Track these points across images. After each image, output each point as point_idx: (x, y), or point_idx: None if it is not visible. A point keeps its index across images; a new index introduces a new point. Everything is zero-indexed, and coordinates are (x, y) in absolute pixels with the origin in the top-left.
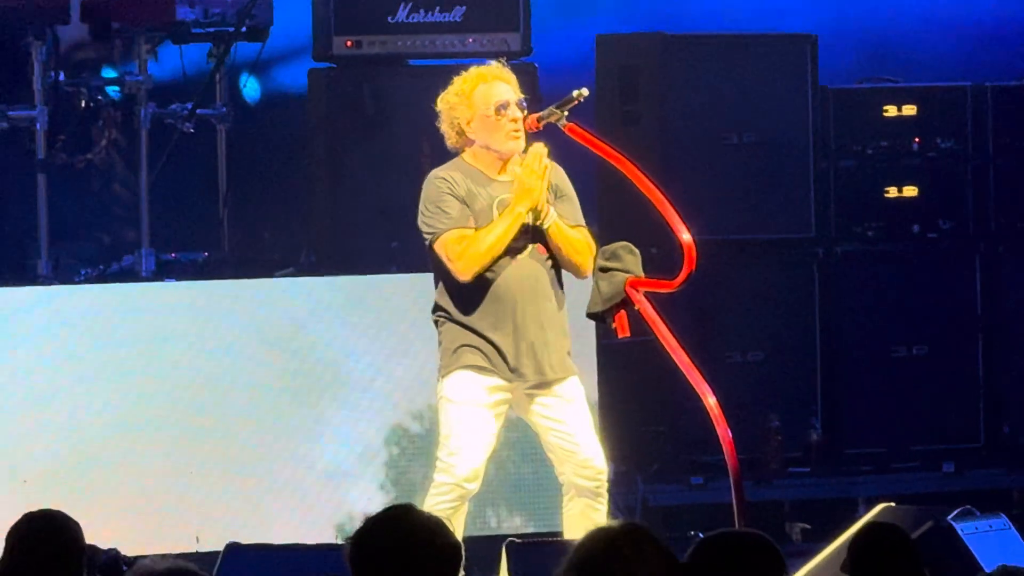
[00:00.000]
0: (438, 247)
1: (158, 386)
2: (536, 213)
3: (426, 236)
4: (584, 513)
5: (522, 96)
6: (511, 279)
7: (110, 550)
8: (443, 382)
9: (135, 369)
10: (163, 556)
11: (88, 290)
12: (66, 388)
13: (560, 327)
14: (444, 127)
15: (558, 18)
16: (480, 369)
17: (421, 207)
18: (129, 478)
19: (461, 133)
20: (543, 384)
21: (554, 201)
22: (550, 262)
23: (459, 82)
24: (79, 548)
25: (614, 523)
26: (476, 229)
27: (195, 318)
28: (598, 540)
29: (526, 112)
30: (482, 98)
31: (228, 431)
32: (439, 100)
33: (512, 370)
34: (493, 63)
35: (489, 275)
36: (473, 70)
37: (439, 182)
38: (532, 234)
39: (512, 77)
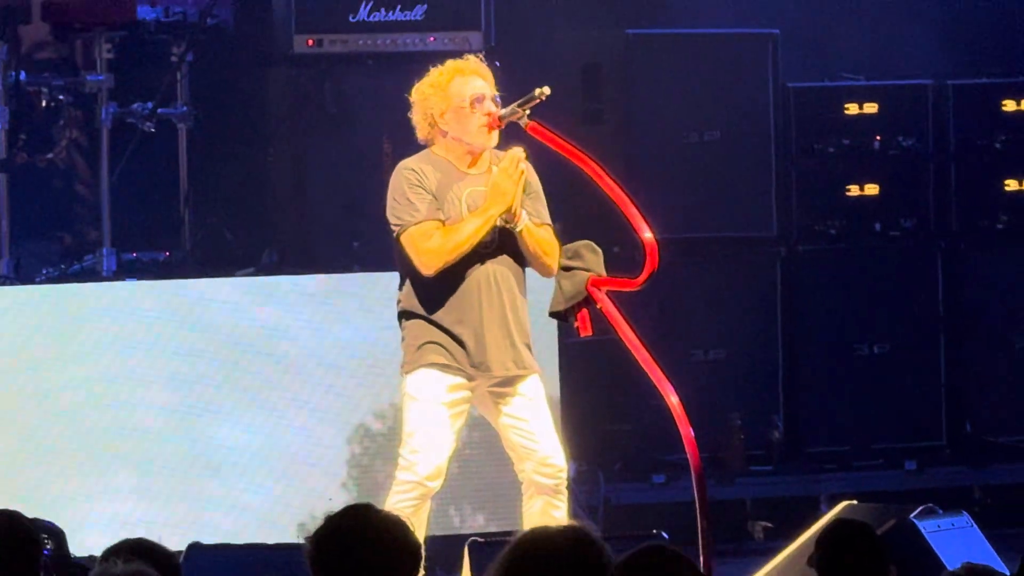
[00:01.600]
0: (405, 239)
1: (119, 385)
2: (509, 216)
3: (393, 227)
4: (544, 511)
5: (497, 92)
6: (477, 276)
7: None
8: (407, 379)
9: (96, 368)
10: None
11: (49, 290)
12: (26, 388)
13: (523, 325)
14: (416, 118)
15: (520, 16)
16: (444, 367)
17: (389, 197)
18: (90, 478)
19: (433, 124)
20: (506, 381)
21: (523, 198)
22: (516, 261)
23: (435, 74)
24: (35, 546)
25: (553, 526)
26: (444, 223)
27: (157, 317)
28: (534, 542)
29: (500, 108)
30: (457, 91)
31: (190, 430)
32: (413, 90)
33: (475, 365)
34: (470, 57)
35: (455, 271)
36: (450, 63)
37: (408, 173)
38: (501, 234)
39: (488, 73)
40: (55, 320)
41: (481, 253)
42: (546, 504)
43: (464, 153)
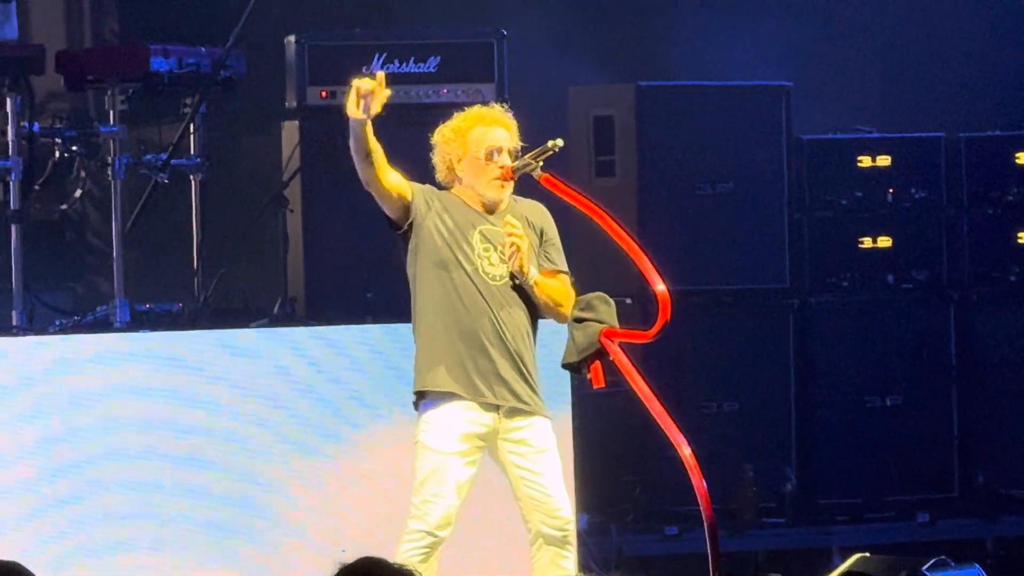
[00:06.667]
0: None
1: (132, 437)
2: (517, 272)
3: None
4: (553, 561)
5: (520, 145)
6: (487, 319)
7: None
8: (419, 424)
9: (109, 419)
10: None
11: (62, 340)
12: (39, 438)
13: (532, 370)
14: (436, 160)
15: (532, 69)
16: (453, 396)
17: None
18: (101, 530)
19: (451, 169)
20: (517, 425)
21: (540, 246)
22: (528, 309)
23: (458, 119)
24: None
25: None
26: (399, 176)
27: (169, 369)
28: None
29: (515, 162)
30: (476, 140)
31: (202, 482)
32: (436, 132)
33: (480, 391)
34: (496, 106)
35: (465, 312)
36: (475, 110)
37: (428, 185)
38: (511, 284)
39: (512, 124)
40: (67, 371)
41: (492, 297)
42: (554, 555)
43: (479, 201)
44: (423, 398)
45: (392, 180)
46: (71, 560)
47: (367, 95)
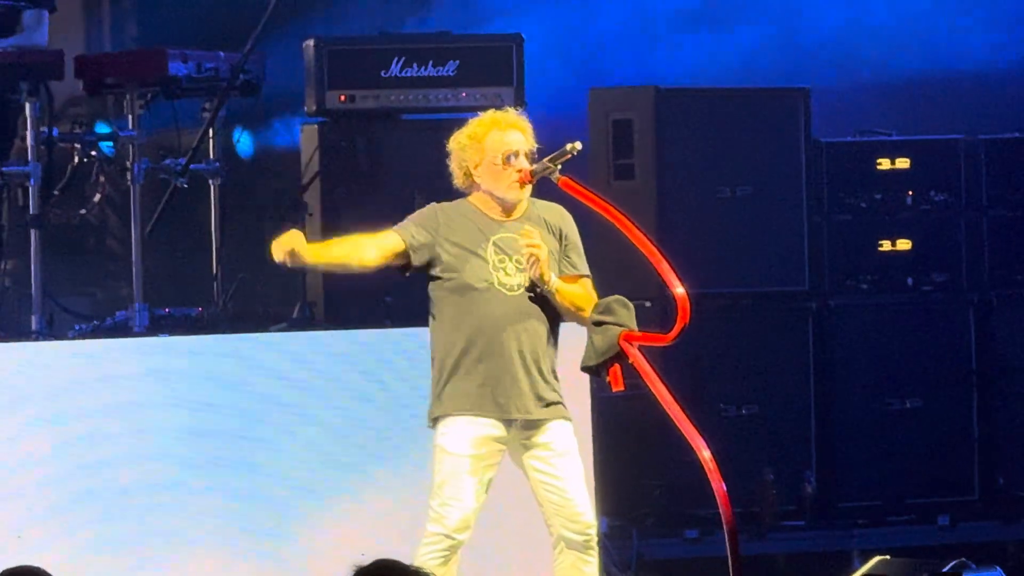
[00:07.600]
0: None
1: (151, 441)
2: (538, 279)
3: None
4: (575, 566)
5: (535, 147)
6: (503, 325)
7: None
8: (437, 427)
9: (128, 423)
10: None
11: (82, 345)
12: (59, 443)
13: (549, 374)
14: (453, 167)
15: (551, 71)
16: (465, 411)
17: None
18: (121, 534)
19: (468, 175)
20: (536, 430)
21: (562, 250)
22: (546, 312)
23: (473, 125)
24: None
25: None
26: (375, 241)
27: (189, 373)
28: None
29: (533, 163)
30: (493, 145)
31: (221, 486)
32: (452, 139)
33: (501, 407)
34: (510, 109)
35: (482, 317)
36: (489, 114)
37: (429, 208)
38: (532, 286)
39: (528, 126)
40: (87, 375)
41: (509, 310)
42: (576, 559)
43: (497, 206)
44: (440, 422)
45: (374, 253)
46: (84, 556)
47: (287, 258)
